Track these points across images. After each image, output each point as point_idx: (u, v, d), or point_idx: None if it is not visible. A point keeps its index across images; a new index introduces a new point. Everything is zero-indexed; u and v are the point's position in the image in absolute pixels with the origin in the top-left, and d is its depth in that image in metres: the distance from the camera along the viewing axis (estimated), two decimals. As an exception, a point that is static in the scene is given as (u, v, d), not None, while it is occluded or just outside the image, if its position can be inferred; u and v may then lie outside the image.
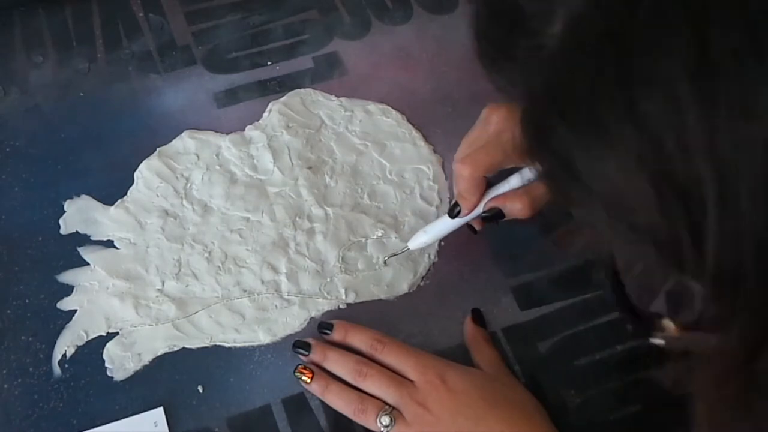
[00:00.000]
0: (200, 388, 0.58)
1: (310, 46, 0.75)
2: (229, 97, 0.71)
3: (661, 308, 0.35)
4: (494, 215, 0.58)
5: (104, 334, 0.59)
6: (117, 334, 0.59)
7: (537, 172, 0.33)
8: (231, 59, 0.74)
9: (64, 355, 0.58)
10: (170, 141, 0.68)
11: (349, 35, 0.76)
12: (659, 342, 0.37)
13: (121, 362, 0.58)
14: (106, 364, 0.58)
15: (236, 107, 0.71)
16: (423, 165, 0.68)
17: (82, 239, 0.63)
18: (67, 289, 0.61)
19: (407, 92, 0.72)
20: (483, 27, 0.33)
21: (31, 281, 0.61)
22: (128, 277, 0.61)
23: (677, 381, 0.35)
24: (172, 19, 0.76)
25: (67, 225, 0.64)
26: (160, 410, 0.56)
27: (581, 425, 0.56)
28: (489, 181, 0.58)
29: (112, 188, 0.65)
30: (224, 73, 0.73)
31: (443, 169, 0.69)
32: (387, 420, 0.54)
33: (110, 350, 0.59)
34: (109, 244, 0.63)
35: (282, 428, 0.57)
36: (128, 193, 0.65)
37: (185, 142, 0.68)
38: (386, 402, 0.55)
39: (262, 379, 0.58)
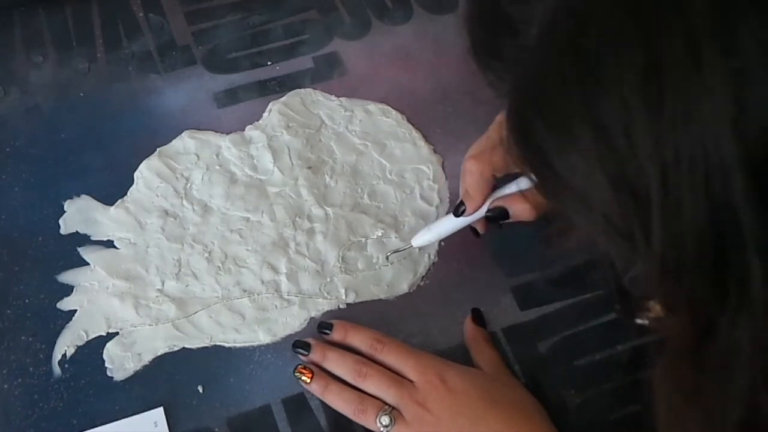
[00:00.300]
0: (200, 388, 0.58)
1: (310, 46, 0.75)
2: (229, 97, 0.71)
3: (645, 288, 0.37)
4: (499, 215, 0.58)
5: (104, 334, 0.59)
6: (117, 334, 0.59)
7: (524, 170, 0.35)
8: (231, 59, 0.74)
9: (64, 355, 0.58)
10: (170, 141, 0.68)
11: (349, 35, 0.76)
12: (644, 322, 0.39)
13: (121, 362, 0.58)
14: (106, 364, 0.58)
15: (236, 107, 0.71)
16: (423, 165, 0.68)
17: (82, 239, 0.63)
18: (67, 289, 0.61)
19: (407, 92, 0.72)
20: (472, 27, 0.36)
21: (31, 281, 0.61)
22: (128, 277, 0.61)
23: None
24: (172, 19, 0.76)
25: (67, 225, 0.64)
26: (160, 410, 0.56)
27: (581, 425, 0.56)
28: (496, 182, 0.58)
29: (112, 188, 0.65)
30: (224, 73, 0.73)
31: (443, 169, 0.69)
32: (387, 420, 0.54)
33: (110, 350, 0.59)
34: (109, 244, 0.63)
35: (282, 428, 0.57)
36: (128, 193, 0.65)
37: (185, 142, 0.68)
38: (386, 402, 0.55)
39: (262, 379, 0.58)
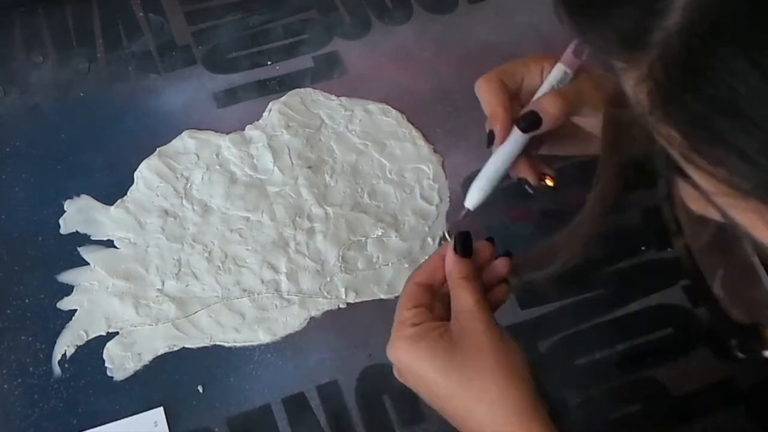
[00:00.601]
0: (200, 388, 0.58)
1: (310, 46, 0.75)
2: (229, 96, 0.71)
3: (758, 316, 0.33)
4: (531, 121, 0.50)
5: (104, 333, 0.59)
6: (117, 333, 0.59)
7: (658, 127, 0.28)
8: (231, 59, 0.74)
9: (64, 355, 0.58)
10: (170, 141, 0.68)
11: (349, 35, 0.76)
12: None
13: (121, 362, 0.58)
14: (106, 364, 0.58)
15: (236, 107, 0.71)
16: (423, 164, 0.68)
17: (82, 239, 0.63)
18: (67, 289, 0.61)
19: (407, 92, 0.72)
20: None
21: (31, 281, 0.61)
22: (128, 277, 0.61)
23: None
24: (172, 19, 0.76)
25: (67, 225, 0.64)
26: (160, 410, 0.56)
27: (581, 425, 0.56)
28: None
29: (112, 188, 0.65)
30: (224, 73, 0.73)
31: (443, 168, 0.68)
32: None
33: (110, 350, 0.59)
34: (109, 244, 0.63)
35: (282, 428, 0.57)
36: (128, 193, 0.65)
37: (185, 141, 0.68)
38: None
39: (262, 378, 0.58)
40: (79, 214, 0.64)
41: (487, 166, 0.52)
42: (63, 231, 0.63)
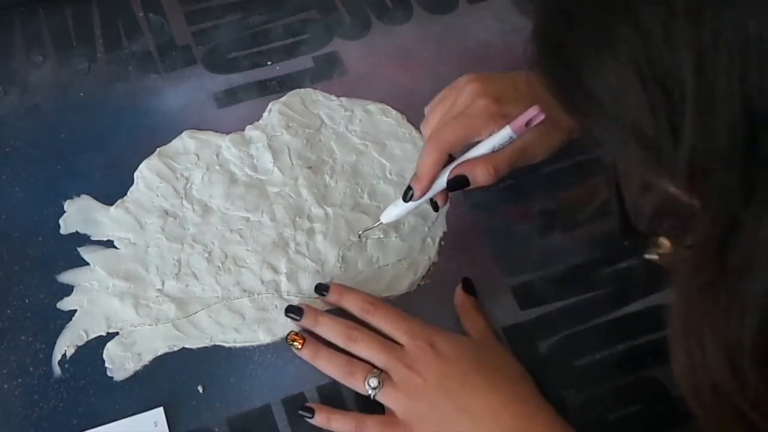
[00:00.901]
0: (200, 388, 0.58)
1: (310, 46, 0.75)
2: (229, 97, 0.71)
3: (659, 227, 0.37)
4: (459, 183, 0.58)
5: (104, 334, 0.59)
6: (117, 334, 0.59)
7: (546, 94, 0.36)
8: (231, 59, 0.74)
9: (64, 355, 0.58)
10: (170, 141, 0.68)
11: (349, 35, 0.76)
12: (653, 257, 0.40)
13: (121, 362, 0.58)
14: (106, 364, 0.58)
15: (236, 107, 0.71)
16: (423, 165, 0.68)
17: (82, 239, 0.63)
18: (67, 289, 0.61)
19: (407, 92, 0.72)
20: None
21: (31, 281, 0.61)
22: (128, 277, 0.61)
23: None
24: (172, 19, 0.76)
25: (67, 225, 0.64)
26: (160, 410, 0.56)
27: (581, 425, 0.56)
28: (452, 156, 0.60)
29: (112, 188, 0.65)
30: (224, 73, 0.73)
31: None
32: (375, 382, 0.55)
33: (110, 350, 0.59)
34: (109, 244, 0.63)
35: (282, 428, 0.57)
36: (128, 193, 0.65)
37: (185, 142, 0.68)
38: (376, 366, 0.56)
39: (262, 379, 0.58)
40: (79, 214, 0.64)
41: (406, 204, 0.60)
42: (63, 231, 0.63)
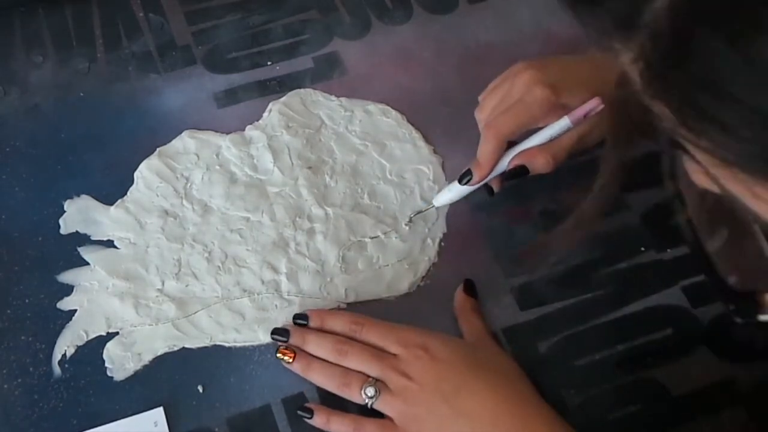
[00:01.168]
0: (200, 388, 0.58)
1: (310, 46, 0.75)
2: (229, 97, 0.71)
3: (757, 283, 0.35)
4: (519, 173, 0.60)
5: (104, 333, 0.59)
6: (117, 333, 0.59)
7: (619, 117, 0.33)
8: (231, 59, 0.74)
9: (64, 355, 0.58)
10: (170, 141, 0.68)
11: (349, 35, 0.76)
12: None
13: (121, 362, 0.58)
14: (106, 364, 0.58)
15: (236, 107, 0.71)
16: (423, 165, 0.68)
17: (82, 239, 0.63)
18: (67, 289, 0.61)
19: (407, 92, 0.72)
20: None
21: (31, 281, 0.61)
22: (128, 277, 0.61)
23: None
24: (172, 19, 0.76)
25: (67, 225, 0.64)
26: (160, 410, 0.56)
27: (581, 425, 0.56)
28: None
29: (112, 188, 0.65)
30: (224, 73, 0.73)
31: (443, 169, 0.68)
32: (371, 391, 0.54)
33: (110, 350, 0.59)
34: (109, 244, 0.63)
35: (282, 428, 0.57)
36: (128, 193, 0.65)
37: (185, 142, 0.68)
38: (370, 375, 0.55)
39: (262, 379, 0.58)
40: (79, 214, 0.64)
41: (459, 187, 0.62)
42: (63, 231, 0.63)
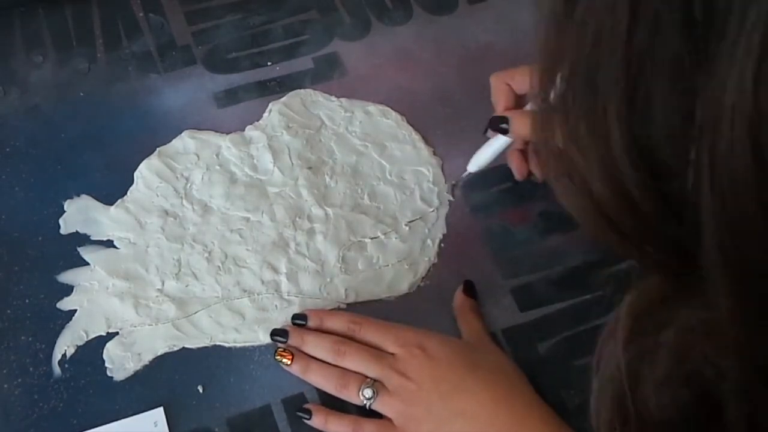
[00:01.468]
0: (200, 388, 0.58)
1: (310, 47, 0.75)
2: (229, 97, 0.71)
3: None
4: (495, 124, 0.62)
5: (104, 333, 0.59)
6: (117, 333, 0.59)
7: None
8: (231, 59, 0.74)
9: (64, 355, 0.58)
10: (170, 141, 0.68)
11: (349, 36, 0.76)
12: None
13: (121, 362, 0.58)
14: (106, 364, 0.58)
15: (236, 107, 0.71)
16: (423, 167, 0.68)
17: (82, 239, 0.63)
18: (67, 289, 0.61)
19: (407, 93, 0.72)
20: None
21: (31, 281, 0.61)
22: (128, 277, 0.61)
23: None
24: (172, 19, 0.76)
25: (67, 225, 0.64)
26: (160, 410, 0.56)
27: (581, 425, 0.56)
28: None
29: (112, 188, 0.65)
30: (224, 73, 0.73)
31: (443, 171, 0.69)
32: (369, 392, 0.54)
33: (110, 350, 0.59)
34: (109, 244, 0.63)
35: (282, 428, 0.57)
36: (128, 193, 0.65)
37: (185, 142, 0.68)
38: (368, 376, 0.55)
39: (262, 379, 0.58)
40: (79, 214, 0.64)
41: (491, 143, 0.64)
42: (63, 231, 0.63)
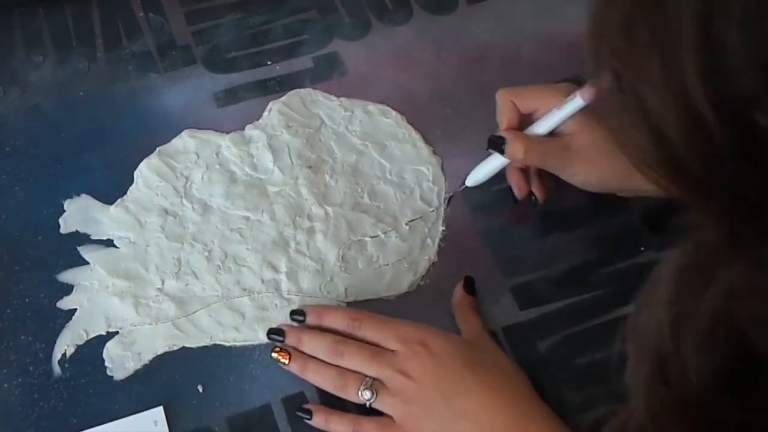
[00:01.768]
0: (200, 388, 0.57)
1: (310, 46, 0.75)
2: (229, 96, 0.71)
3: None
4: (494, 144, 0.61)
5: (104, 333, 0.59)
6: (117, 333, 0.59)
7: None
8: (231, 59, 0.74)
9: (64, 355, 0.58)
10: (170, 140, 0.68)
11: (349, 35, 0.76)
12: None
13: (121, 361, 0.58)
14: (106, 364, 0.58)
15: (236, 107, 0.71)
16: (423, 166, 0.68)
17: (82, 238, 0.63)
18: (67, 289, 0.61)
19: (407, 93, 0.72)
20: None
21: (31, 281, 0.61)
22: (128, 276, 0.61)
23: None
24: (172, 19, 0.76)
25: (67, 224, 0.64)
26: (160, 410, 0.56)
27: (581, 425, 0.56)
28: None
29: (112, 187, 0.65)
30: (224, 72, 0.73)
31: (443, 170, 0.68)
32: (368, 394, 0.54)
33: (110, 349, 0.59)
34: (109, 243, 0.63)
35: (282, 428, 0.57)
36: (128, 193, 0.65)
37: (185, 141, 0.68)
38: (368, 375, 0.55)
39: (262, 378, 0.58)
40: (79, 213, 0.64)
41: (489, 161, 0.63)
42: (63, 231, 0.63)
